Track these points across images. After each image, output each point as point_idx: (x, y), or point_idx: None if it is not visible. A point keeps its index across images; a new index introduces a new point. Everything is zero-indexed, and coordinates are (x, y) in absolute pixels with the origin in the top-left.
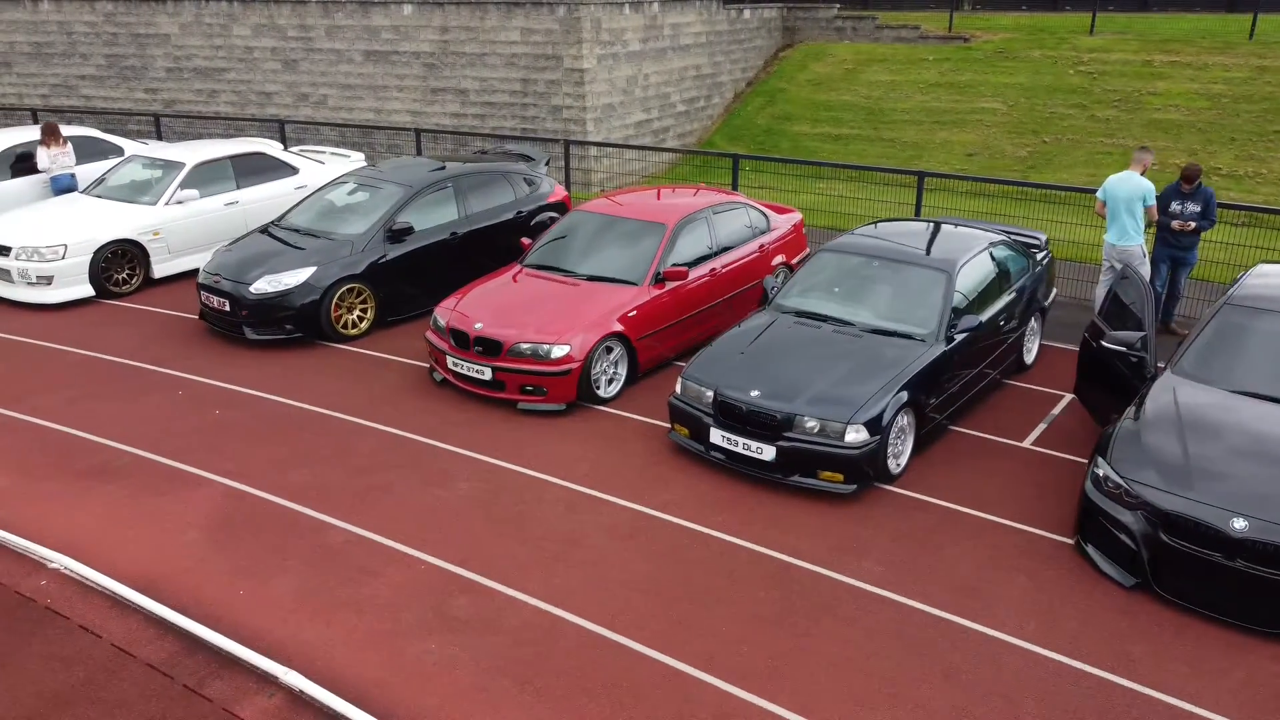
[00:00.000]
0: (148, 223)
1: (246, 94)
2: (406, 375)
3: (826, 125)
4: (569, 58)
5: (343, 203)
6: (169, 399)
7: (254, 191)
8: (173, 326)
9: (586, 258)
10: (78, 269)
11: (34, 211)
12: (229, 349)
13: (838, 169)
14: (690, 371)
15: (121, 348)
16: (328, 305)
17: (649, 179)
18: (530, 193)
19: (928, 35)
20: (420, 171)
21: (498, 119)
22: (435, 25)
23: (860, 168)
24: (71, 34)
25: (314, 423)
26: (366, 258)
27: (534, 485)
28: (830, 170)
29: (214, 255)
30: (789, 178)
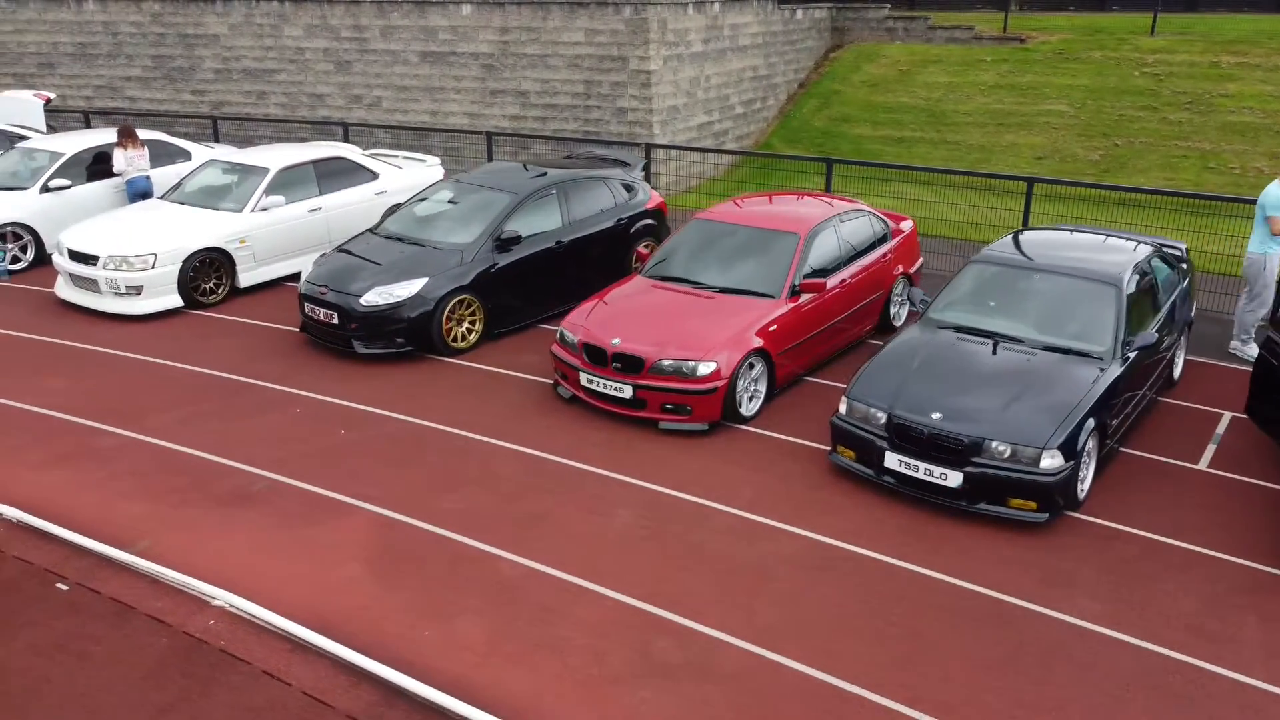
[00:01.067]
0: (234, 230)
1: (297, 96)
2: (528, 391)
3: (887, 128)
4: (635, 59)
5: (445, 210)
6: (287, 417)
7: (336, 197)
8: (271, 339)
9: (717, 269)
10: (167, 279)
11: (117, 219)
12: (336, 363)
13: (942, 174)
14: (856, 391)
15: (223, 361)
16: (439, 318)
17: (710, 182)
18: (629, 199)
19: (982, 36)
20: (524, 178)
21: (559, 121)
22: (495, 26)
23: (965, 173)
24: (117, 34)
25: (446, 443)
26: (475, 268)
27: (698, 512)
28: (895, 173)
29: (314, 265)
30: (852, 180)
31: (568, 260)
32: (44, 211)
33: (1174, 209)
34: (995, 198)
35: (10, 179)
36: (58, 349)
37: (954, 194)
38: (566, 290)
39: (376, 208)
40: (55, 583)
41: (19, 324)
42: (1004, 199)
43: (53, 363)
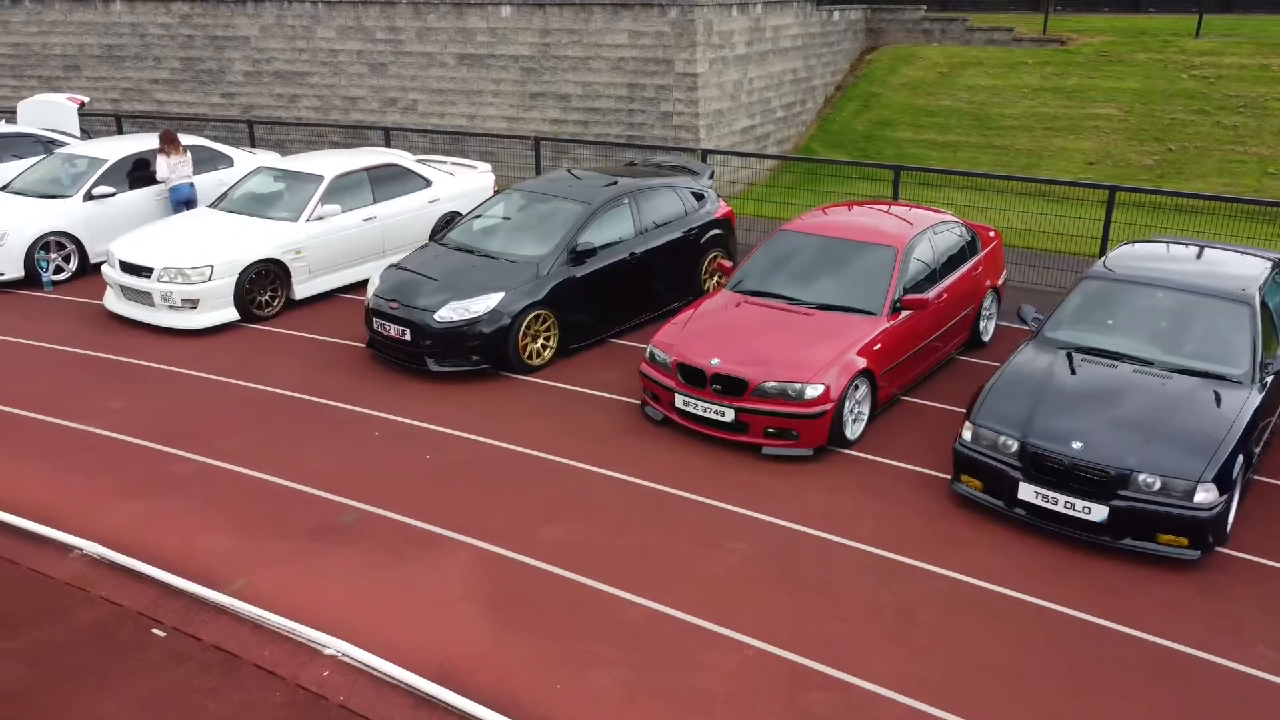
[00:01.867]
0: (291, 240)
1: (330, 99)
2: (613, 411)
3: (930, 131)
4: (681, 62)
5: (514, 221)
6: (365, 440)
7: (390, 205)
8: (334, 354)
9: (810, 283)
10: (224, 291)
11: (170, 229)
12: (407, 381)
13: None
14: (982, 416)
15: (288, 379)
16: (516, 334)
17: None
18: (699, 208)
19: (1021, 38)
20: (595, 186)
21: (601, 126)
22: (535, 27)
23: (1040, 180)
24: (145, 36)
25: (537, 469)
26: (550, 281)
27: (821, 547)
28: (941, 178)
29: (381, 278)
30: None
31: (640, 272)
32: (87, 220)
33: (1237, 216)
34: (1052, 204)
35: (51, 186)
36: (113, 366)
37: (1008, 200)
38: (638, 303)
39: (430, 216)
40: (151, 628)
41: (71, 338)
42: (1060, 205)
43: (110, 381)
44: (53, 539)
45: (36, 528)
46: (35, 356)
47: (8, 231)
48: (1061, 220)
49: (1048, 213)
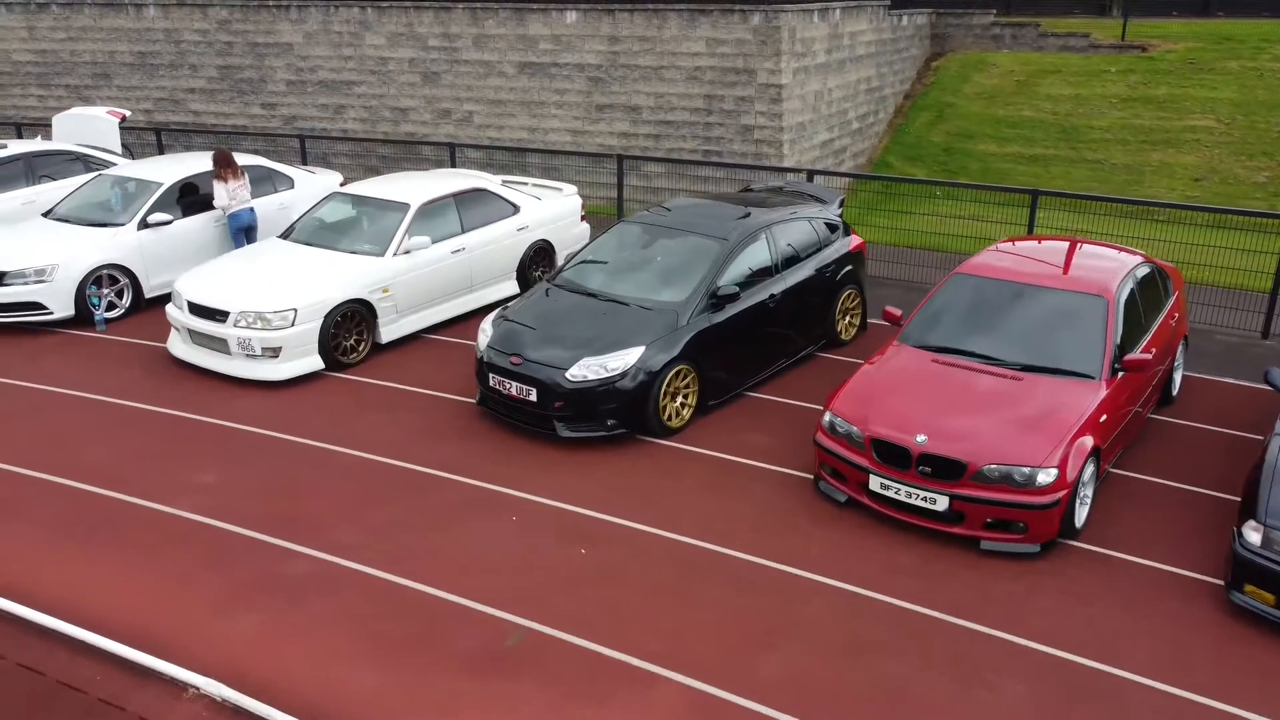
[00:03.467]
0: (378, 277)
1: (379, 110)
2: (780, 487)
3: (1015, 144)
4: (764, 71)
5: (637, 259)
6: (501, 526)
7: (479, 236)
8: (439, 412)
9: (1008, 339)
10: (308, 337)
11: (241, 266)
12: (530, 447)
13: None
14: (1275, 516)
15: (393, 444)
16: (657, 393)
17: None
18: (833, 241)
19: (1099, 44)
20: (728, 218)
21: (674, 140)
22: (603, 34)
23: (1221, 210)
24: (180, 43)
25: (718, 568)
26: (690, 331)
27: (1109, 688)
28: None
29: (493, 326)
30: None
31: (779, 316)
32: (141, 251)
33: None
34: (1164, 228)
35: (99, 213)
36: (189, 427)
37: (1118, 224)
38: (775, 351)
39: (518, 246)
40: None
41: (134, 390)
42: (1175, 229)
43: (189, 446)
44: (158, 672)
45: (137, 655)
46: (97, 413)
47: (57, 265)
48: (1226, 253)
49: (1186, 241)
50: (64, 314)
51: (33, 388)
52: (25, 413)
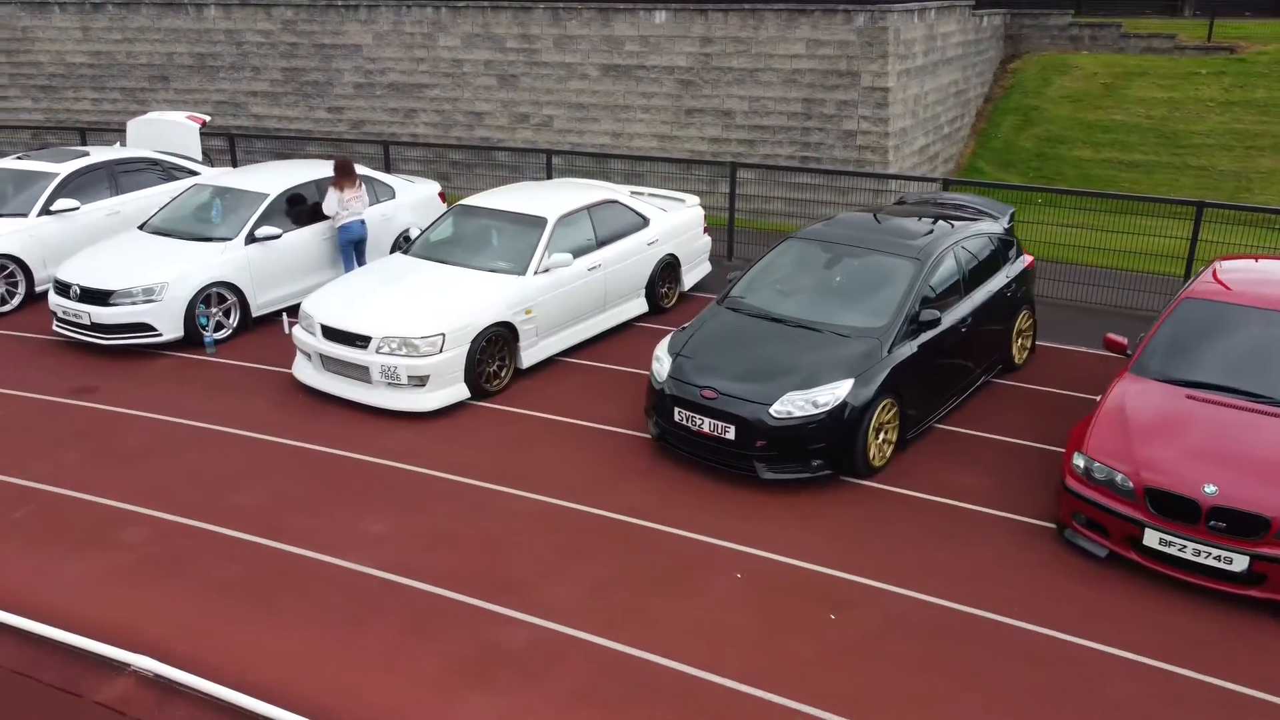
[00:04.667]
0: (521, 297)
1: (452, 114)
2: (1018, 538)
3: (1111, 150)
4: (869, 74)
5: (817, 280)
6: (727, 584)
7: (613, 251)
8: (610, 448)
9: (1266, 374)
10: (455, 364)
11: (375, 286)
12: (724, 490)
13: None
14: None
15: (572, 485)
16: (866, 429)
17: None
18: (1011, 259)
19: (1184, 45)
20: (913, 235)
21: (770, 146)
22: (694, 35)
23: None
24: (242, 44)
25: (993, 639)
26: (894, 360)
27: None
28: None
29: (667, 354)
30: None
31: (967, 341)
32: (249, 266)
33: None
34: None
35: (201, 226)
36: (341, 466)
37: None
38: (961, 380)
39: (648, 261)
40: None
41: (265, 421)
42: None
43: (347, 488)
44: None
45: None
46: (234, 450)
47: (166, 284)
48: None
49: None
50: (173, 336)
51: (158, 420)
52: (158, 450)
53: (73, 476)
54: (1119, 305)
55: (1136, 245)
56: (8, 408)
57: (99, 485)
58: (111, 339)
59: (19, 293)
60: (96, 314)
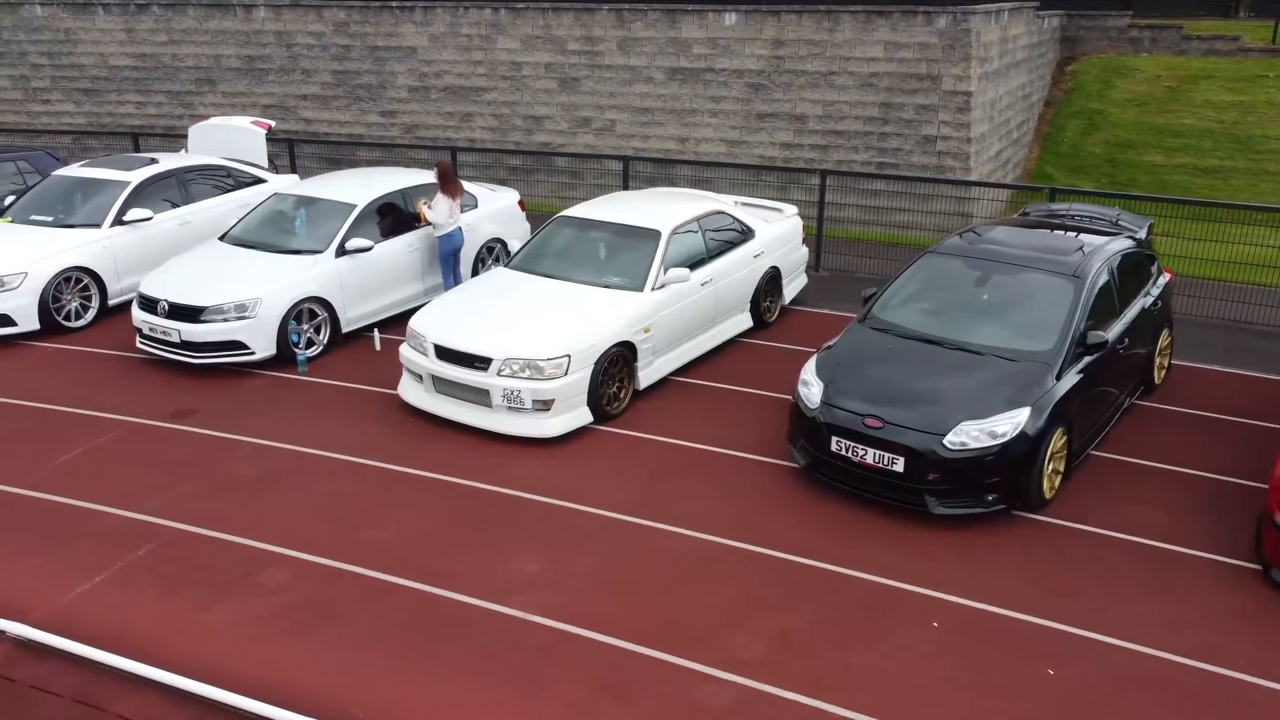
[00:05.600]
0: (639, 314)
1: (509, 118)
2: (1229, 583)
3: (1184, 155)
4: (950, 78)
5: (965, 298)
6: (926, 635)
7: (723, 264)
8: (756, 479)
9: None
10: (578, 387)
11: (487, 303)
12: (889, 526)
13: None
14: None
15: (726, 522)
16: (1043, 460)
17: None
18: (1154, 276)
19: (1248, 48)
20: (1066, 251)
21: (844, 151)
22: (766, 38)
23: None
24: (292, 46)
25: (1242, 699)
26: (1064, 385)
27: None
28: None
29: (820, 378)
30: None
31: (1120, 363)
32: (340, 280)
33: None
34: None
35: (285, 238)
36: (472, 498)
37: None
38: (1112, 405)
39: (754, 275)
40: None
41: (386, 450)
42: None
43: (485, 523)
44: None
45: None
46: (356, 480)
47: (259, 299)
48: None
49: None
50: (265, 354)
51: (266, 446)
52: (274, 479)
53: (191, 510)
54: (1240, 320)
55: (1240, 255)
56: (108, 433)
57: (222, 520)
58: (202, 358)
59: (93, 306)
60: (187, 331)
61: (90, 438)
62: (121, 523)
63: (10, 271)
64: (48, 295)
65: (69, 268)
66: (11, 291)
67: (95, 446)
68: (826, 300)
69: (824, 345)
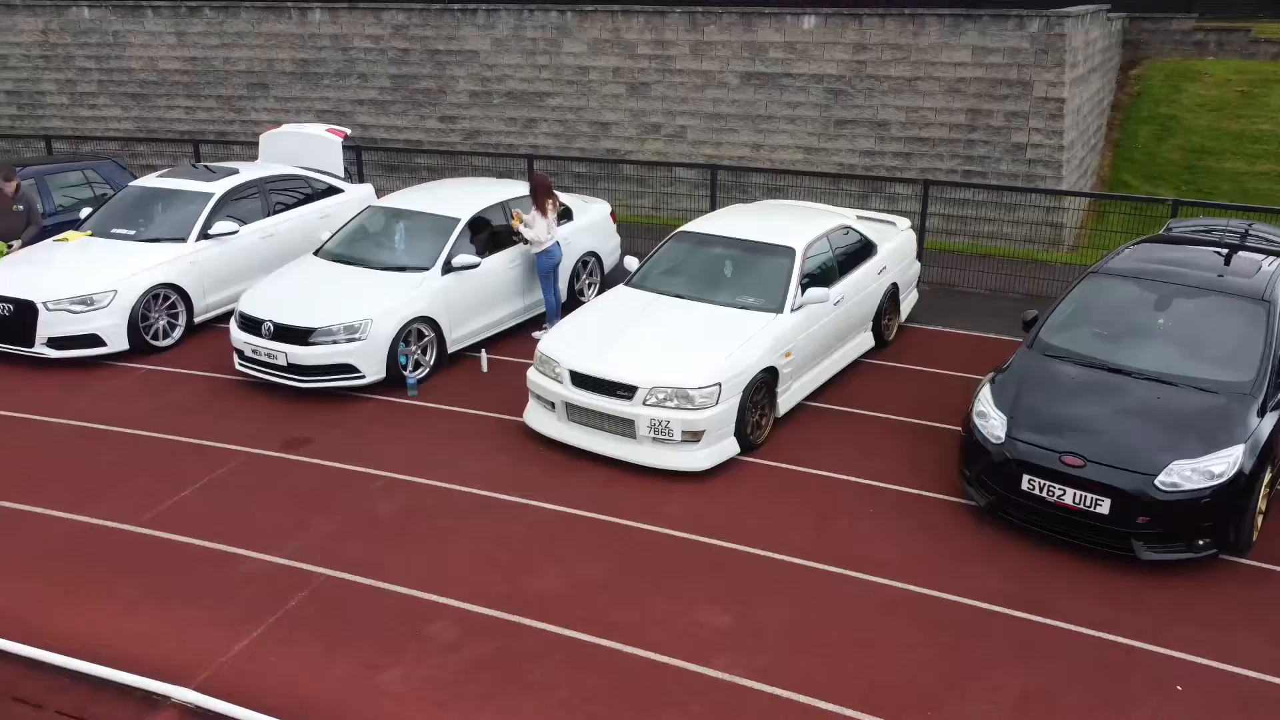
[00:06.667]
0: (782, 338)
1: (575, 124)
2: None
3: (1267, 161)
4: (1043, 84)
5: (1141, 321)
6: (1167, 699)
7: (852, 282)
8: (928, 518)
9: None
10: (727, 417)
11: (619, 325)
12: (1086, 571)
13: None
14: None
15: (910, 566)
16: (1255, 501)
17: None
18: None
19: None
20: (1246, 271)
21: (928, 159)
22: (847, 42)
23: None
24: (348, 50)
25: None
26: (1270, 420)
27: None
28: None
29: (1000, 409)
30: None
31: None
32: (447, 298)
33: None
34: None
35: (385, 254)
36: (631, 538)
37: None
38: None
39: (877, 292)
40: None
41: (522, 484)
42: None
43: (656, 567)
44: None
45: None
46: (501, 518)
47: (370, 320)
48: None
49: None
50: (375, 377)
51: (396, 480)
52: (415, 518)
53: (336, 554)
54: None
55: None
56: (222, 465)
57: (371, 565)
58: (310, 382)
59: (179, 324)
60: (294, 354)
61: (204, 470)
62: (264, 568)
63: (100, 289)
64: (137, 314)
65: (158, 284)
66: (102, 310)
67: (213, 480)
68: (936, 316)
69: (993, 372)
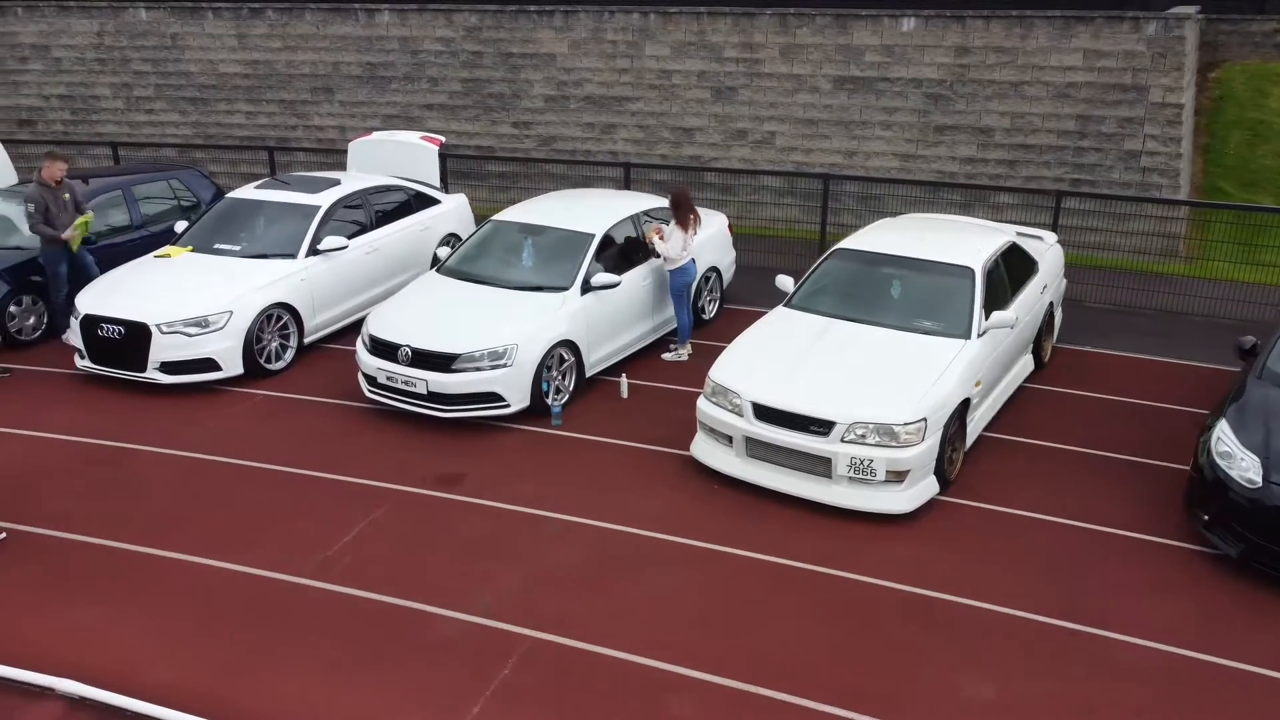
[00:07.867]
0: (972, 365)
1: (656, 129)
2: None
3: None
4: (1160, 89)
5: None
6: None
7: (1020, 302)
8: (1157, 566)
9: None
10: (930, 454)
11: (794, 352)
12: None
13: None
14: None
15: (1171, 626)
16: None
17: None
18: None
19: None
20: None
21: (1034, 167)
22: (948, 45)
23: None
24: (418, 53)
25: None
26: None
27: None
28: None
29: (1256, 455)
30: None
31: None
32: (586, 320)
33: None
34: None
35: (515, 272)
36: (853, 592)
37: None
38: None
39: (1039, 313)
40: None
41: (711, 529)
42: None
43: (891, 627)
44: None
45: None
46: (696, 568)
47: (515, 346)
48: None
49: None
50: (520, 406)
51: (568, 522)
52: (605, 569)
53: (533, 611)
54: None
55: None
56: (376, 506)
57: (575, 624)
58: (452, 411)
59: (291, 345)
60: (435, 382)
61: (360, 511)
62: (462, 629)
63: (215, 310)
64: (252, 335)
65: (272, 304)
66: (218, 332)
67: (371, 523)
68: (1074, 334)
69: (1223, 404)
